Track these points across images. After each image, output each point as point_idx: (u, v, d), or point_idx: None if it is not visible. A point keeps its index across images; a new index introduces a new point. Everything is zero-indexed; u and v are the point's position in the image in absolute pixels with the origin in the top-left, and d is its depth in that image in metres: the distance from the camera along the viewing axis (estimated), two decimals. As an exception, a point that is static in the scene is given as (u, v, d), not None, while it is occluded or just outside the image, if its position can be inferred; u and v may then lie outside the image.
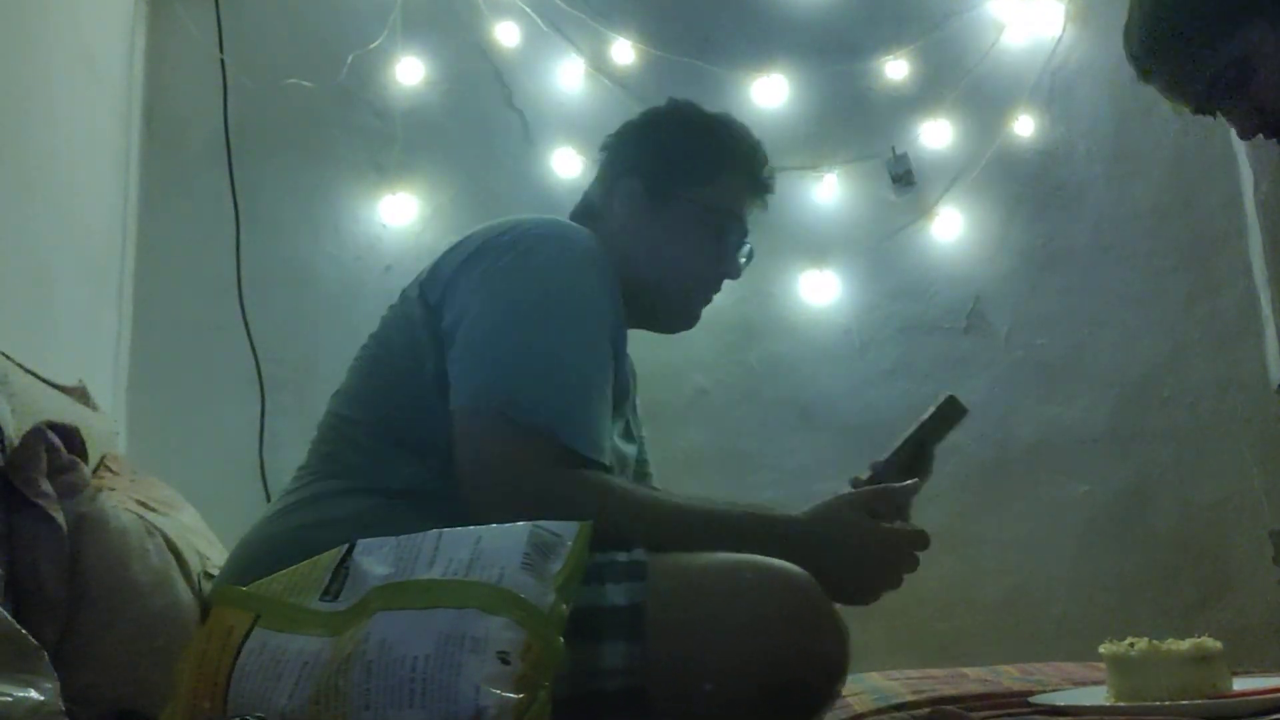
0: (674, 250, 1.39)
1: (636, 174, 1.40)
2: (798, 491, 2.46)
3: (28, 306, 1.93)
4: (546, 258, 1.22)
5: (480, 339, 1.17)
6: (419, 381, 1.21)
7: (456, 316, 1.19)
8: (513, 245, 1.23)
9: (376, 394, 1.26)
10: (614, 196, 1.41)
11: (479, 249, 1.24)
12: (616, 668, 0.98)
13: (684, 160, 1.41)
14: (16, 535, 1.19)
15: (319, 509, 1.17)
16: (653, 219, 1.39)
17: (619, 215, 1.40)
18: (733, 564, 1.05)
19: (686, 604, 1.01)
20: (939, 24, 2.73)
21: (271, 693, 0.83)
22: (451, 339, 1.19)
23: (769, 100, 2.66)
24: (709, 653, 0.98)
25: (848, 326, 2.62)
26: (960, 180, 2.67)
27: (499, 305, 1.19)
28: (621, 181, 1.41)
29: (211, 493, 1.92)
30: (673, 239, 1.39)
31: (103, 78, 2.35)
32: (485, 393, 1.14)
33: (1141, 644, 1.14)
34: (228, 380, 2.47)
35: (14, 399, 1.33)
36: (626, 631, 0.99)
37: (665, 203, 1.39)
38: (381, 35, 2.61)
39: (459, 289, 1.21)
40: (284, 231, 2.57)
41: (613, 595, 1.01)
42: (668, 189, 1.39)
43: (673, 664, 0.98)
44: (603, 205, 1.43)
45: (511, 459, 1.11)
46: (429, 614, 0.82)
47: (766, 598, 1.01)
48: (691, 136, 1.44)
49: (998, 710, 1.22)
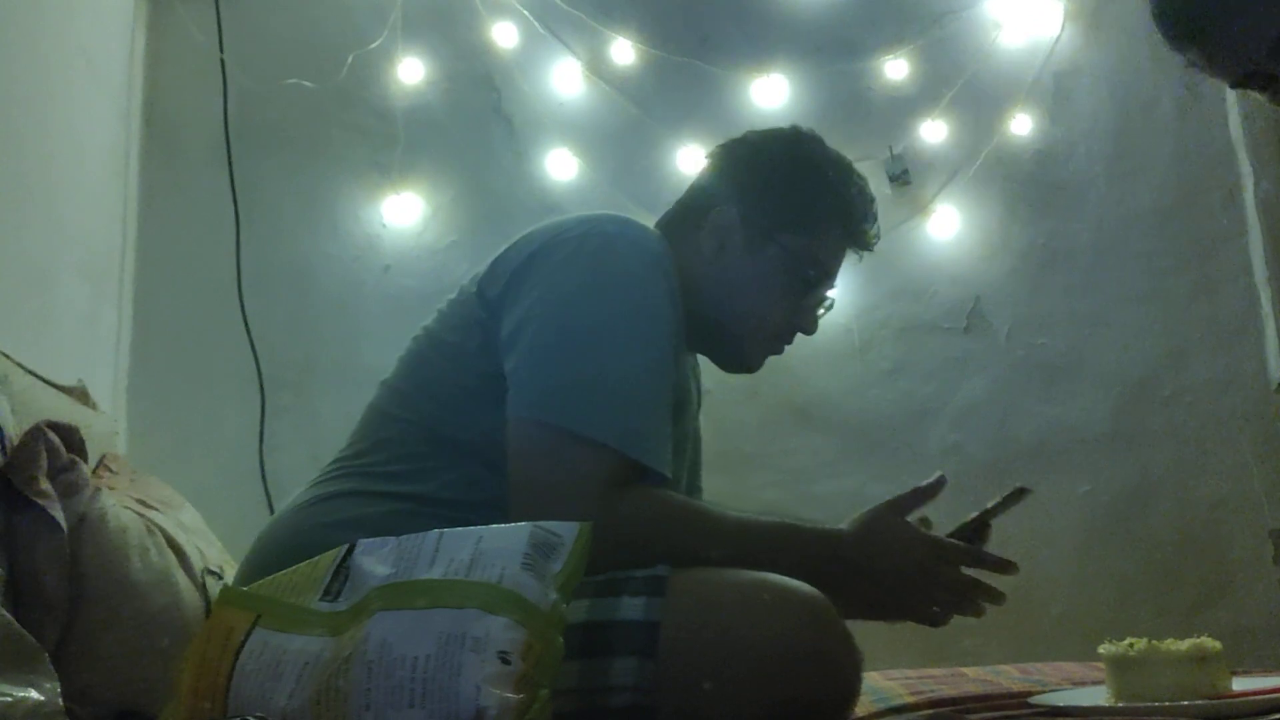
0: (755, 295, 1.31)
1: (736, 202, 1.30)
2: (798, 492, 2.46)
3: (28, 306, 1.93)
4: (613, 260, 1.16)
5: (543, 347, 1.12)
6: (467, 382, 1.17)
7: (519, 320, 1.14)
8: (579, 245, 1.16)
9: (419, 391, 1.22)
10: (707, 217, 1.31)
11: (543, 247, 1.18)
12: (625, 684, 0.96)
13: (791, 204, 1.31)
14: (16, 535, 1.19)
15: (345, 507, 1.15)
16: (741, 256, 1.30)
17: (707, 241, 1.30)
18: (752, 585, 1.03)
19: (701, 624, 0.99)
20: (937, 23, 2.73)
21: (272, 693, 0.83)
22: (513, 343, 1.13)
23: (768, 100, 2.66)
24: (720, 676, 0.97)
25: (848, 326, 2.62)
26: (958, 178, 2.67)
27: (563, 311, 1.13)
28: (719, 205, 1.31)
29: (211, 493, 1.92)
30: (757, 283, 1.30)
31: (103, 78, 2.35)
32: (546, 404, 1.10)
33: (1141, 644, 1.14)
34: (228, 380, 2.47)
35: (14, 399, 1.33)
36: (639, 648, 0.97)
37: (759, 243, 1.29)
38: (382, 35, 2.61)
39: (521, 289, 1.16)
40: (284, 231, 2.57)
41: (629, 610, 1.00)
42: (766, 229, 1.30)
43: (683, 684, 0.96)
44: (694, 221, 1.33)
45: (571, 474, 1.06)
46: (429, 614, 0.82)
47: (782, 622, 0.99)
48: (805, 179, 1.33)
49: (997, 711, 1.22)
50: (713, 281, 1.29)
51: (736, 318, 1.31)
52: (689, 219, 1.34)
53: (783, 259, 1.30)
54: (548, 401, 1.10)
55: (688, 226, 1.33)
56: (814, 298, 1.35)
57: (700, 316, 1.27)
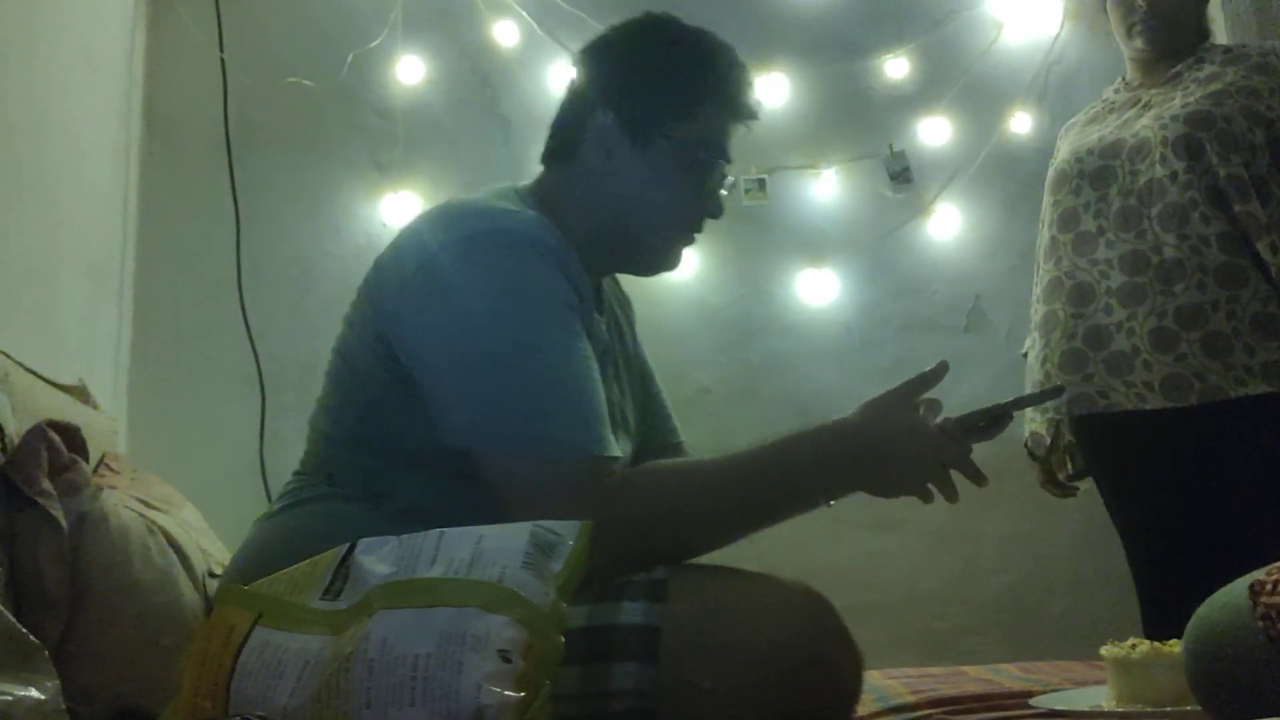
0: (654, 192, 1.25)
1: (610, 106, 1.24)
2: (798, 490, 2.46)
3: (28, 305, 1.94)
4: (493, 265, 1.12)
5: (465, 375, 1.10)
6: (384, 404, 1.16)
7: (419, 350, 1.12)
8: (458, 259, 1.13)
9: (344, 410, 1.21)
10: (584, 130, 1.26)
11: (419, 270, 1.14)
12: (627, 689, 0.96)
13: (663, 92, 1.25)
14: (17, 534, 1.19)
15: (322, 513, 1.15)
16: (630, 160, 1.24)
17: (592, 153, 1.25)
18: (752, 588, 1.03)
19: (702, 628, 0.99)
20: (938, 22, 2.73)
21: (273, 691, 0.83)
22: (426, 373, 1.12)
23: (768, 99, 2.66)
24: (722, 680, 0.96)
25: (848, 324, 2.62)
26: (958, 177, 2.67)
27: (469, 335, 1.11)
28: (594, 115, 1.25)
29: (211, 492, 1.92)
30: (652, 180, 1.25)
31: (103, 77, 2.35)
32: (501, 436, 1.08)
33: (1143, 646, 1.14)
34: (228, 380, 2.47)
35: (14, 398, 1.34)
36: (640, 652, 0.97)
37: (643, 140, 1.24)
38: (382, 34, 2.61)
39: (410, 318, 1.14)
40: (284, 231, 2.57)
41: (629, 614, 0.99)
42: (646, 124, 1.24)
43: (684, 689, 0.96)
44: (574, 138, 1.27)
45: (557, 498, 1.04)
46: (430, 612, 0.82)
47: (782, 625, 0.99)
48: (671, 64, 1.27)
49: (997, 712, 1.22)
50: (609, 193, 1.25)
51: (642, 220, 1.26)
52: (568, 138, 1.29)
53: (671, 149, 1.24)
54: (499, 434, 1.08)
55: (569, 146, 1.28)
56: (713, 180, 1.28)
57: (607, 231, 1.25)
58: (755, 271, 2.65)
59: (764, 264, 2.65)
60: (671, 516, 1.09)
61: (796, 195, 2.65)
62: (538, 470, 1.06)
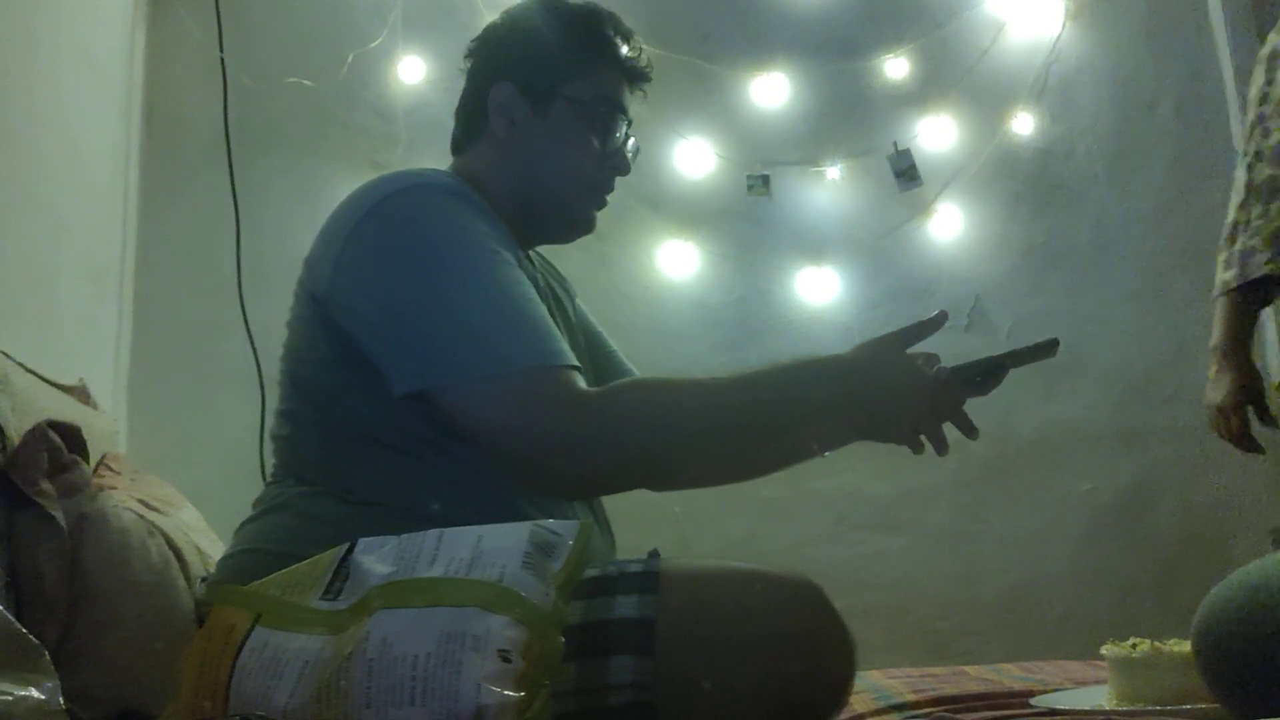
0: (560, 154, 1.31)
1: (507, 78, 1.31)
2: (798, 489, 2.46)
3: (28, 306, 1.93)
4: (416, 214, 1.17)
5: (402, 317, 1.12)
6: (334, 386, 1.19)
7: (356, 308, 1.15)
8: (380, 217, 1.17)
9: (300, 408, 1.26)
10: (487, 106, 1.33)
11: (346, 240, 1.17)
12: (624, 682, 0.96)
13: (557, 56, 1.32)
14: (17, 534, 1.19)
15: (276, 519, 1.16)
16: (531, 124, 1.30)
17: (498, 126, 1.31)
18: (744, 576, 1.04)
19: (697, 619, 0.99)
20: (939, 22, 2.73)
21: (273, 691, 0.83)
22: (367, 328, 1.14)
23: (769, 98, 2.66)
24: (718, 668, 0.97)
25: (848, 325, 2.62)
26: (959, 177, 2.67)
27: (401, 279, 1.14)
28: (493, 89, 1.32)
29: (211, 492, 1.91)
30: (556, 142, 1.30)
31: (103, 77, 2.35)
32: (449, 365, 1.10)
33: (1144, 645, 1.14)
34: (228, 380, 2.47)
35: (14, 398, 1.33)
36: (635, 645, 0.97)
37: (543, 105, 1.30)
38: (382, 34, 2.61)
39: (344, 284, 1.17)
40: (284, 231, 2.56)
41: (622, 608, 1.00)
42: (543, 90, 1.30)
43: (681, 679, 0.96)
44: (480, 116, 1.34)
45: (524, 406, 1.07)
46: (430, 612, 0.82)
47: (775, 612, 0.99)
48: (556, 31, 1.34)
49: (998, 711, 1.22)
50: (518, 161, 1.30)
51: (553, 184, 1.31)
52: (474, 118, 1.35)
53: (571, 109, 1.31)
54: (447, 361, 1.10)
55: (476, 125, 1.35)
56: (616, 137, 1.34)
57: (523, 197, 1.29)
58: (755, 271, 2.64)
59: (764, 263, 2.64)
60: (659, 429, 1.10)
61: (796, 195, 2.65)
62: (494, 389, 1.08)
